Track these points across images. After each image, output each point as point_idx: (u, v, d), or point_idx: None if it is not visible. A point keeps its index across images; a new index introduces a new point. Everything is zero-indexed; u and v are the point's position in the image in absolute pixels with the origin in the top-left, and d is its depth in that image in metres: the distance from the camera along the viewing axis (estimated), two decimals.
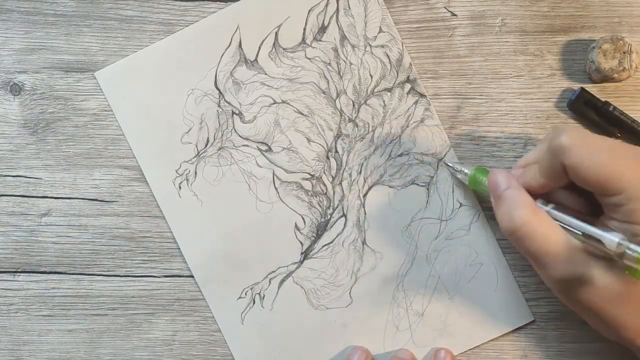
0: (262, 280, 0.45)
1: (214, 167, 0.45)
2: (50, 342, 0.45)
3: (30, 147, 0.46)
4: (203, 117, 0.45)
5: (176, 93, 0.45)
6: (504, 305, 0.44)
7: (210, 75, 0.45)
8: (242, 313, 0.45)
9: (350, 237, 0.45)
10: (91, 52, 0.46)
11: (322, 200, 0.45)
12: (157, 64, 0.45)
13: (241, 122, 0.45)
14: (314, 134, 0.45)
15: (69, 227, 0.45)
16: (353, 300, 0.45)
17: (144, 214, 0.45)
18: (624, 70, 0.42)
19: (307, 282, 0.45)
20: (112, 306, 0.45)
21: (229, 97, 0.45)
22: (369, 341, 0.45)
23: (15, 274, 0.45)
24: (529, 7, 0.45)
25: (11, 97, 0.46)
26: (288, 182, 0.45)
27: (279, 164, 0.45)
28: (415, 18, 0.45)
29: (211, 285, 0.45)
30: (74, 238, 0.45)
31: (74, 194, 0.45)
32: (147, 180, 0.45)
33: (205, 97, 0.45)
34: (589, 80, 0.44)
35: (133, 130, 0.45)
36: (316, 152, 0.45)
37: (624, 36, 0.43)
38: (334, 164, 0.45)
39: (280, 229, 0.45)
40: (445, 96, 0.45)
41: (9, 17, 0.46)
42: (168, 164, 0.45)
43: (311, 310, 0.45)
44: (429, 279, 0.45)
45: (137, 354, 0.45)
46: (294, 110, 0.45)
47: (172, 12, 0.46)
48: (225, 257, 0.45)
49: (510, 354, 0.45)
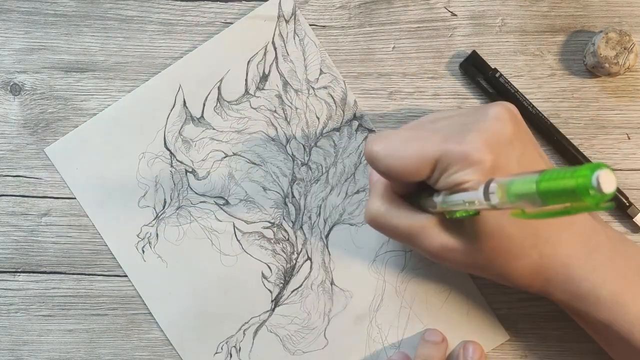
0: (236, 332, 0.45)
1: (174, 227, 0.45)
2: (50, 342, 0.45)
3: (30, 147, 0.46)
4: (157, 179, 0.45)
5: (128, 159, 0.45)
6: (478, 327, 0.44)
7: (159, 137, 0.45)
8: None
9: (318, 279, 0.45)
10: (91, 52, 0.46)
11: (286, 246, 0.45)
12: (104, 132, 0.45)
13: (195, 179, 0.45)
14: (269, 182, 0.45)
15: (69, 227, 0.46)
16: (329, 342, 0.45)
17: None
18: (617, 65, 0.42)
19: (280, 329, 0.45)
20: (112, 306, 0.46)
21: (181, 156, 0.45)
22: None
23: (15, 274, 0.46)
24: (529, 7, 0.45)
25: (11, 97, 0.46)
26: (249, 232, 0.45)
27: (238, 215, 0.45)
28: (415, 18, 0.45)
29: (186, 344, 0.45)
30: (74, 238, 0.46)
31: (74, 194, 0.46)
32: (109, 249, 0.45)
33: (156, 159, 0.45)
34: (584, 64, 0.45)
35: (90, 201, 0.45)
36: (273, 200, 0.45)
37: (631, 35, 0.43)
38: (293, 209, 0.45)
39: (247, 280, 0.45)
40: (445, 96, 0.45)
41: (9, 17, 0.46)
42: (129, 229, 0.45)
43: (289, 356, 0.45)
44: (400, 311, 0.45)
45: (137, 354, 0.45)
46: (247, 161, 0.45)
47: (172, 12, 0.46)
48: (196, 314, 0.45)
49: (510, 353, 0.45)
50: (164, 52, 0.46)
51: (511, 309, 0.45)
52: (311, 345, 0.45)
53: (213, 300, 0.45)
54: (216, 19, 0.46)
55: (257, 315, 0.45)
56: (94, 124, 0.45)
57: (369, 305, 0.45)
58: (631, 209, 0.44)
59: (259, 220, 0.45)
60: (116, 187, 0.45)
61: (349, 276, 0.45)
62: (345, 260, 0.45)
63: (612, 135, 0.45)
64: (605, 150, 0.45)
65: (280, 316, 0.45)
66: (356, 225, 0.45)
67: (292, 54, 0.45)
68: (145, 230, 0.45)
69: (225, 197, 0.45)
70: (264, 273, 0.45)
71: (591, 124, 0.45)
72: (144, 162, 0.45)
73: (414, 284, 0.45)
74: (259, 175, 0.45)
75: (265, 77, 0.45)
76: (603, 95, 0.45)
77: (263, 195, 0.45)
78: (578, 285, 0.36)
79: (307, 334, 0.45)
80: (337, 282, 0.45)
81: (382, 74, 0.45)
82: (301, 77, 0.45)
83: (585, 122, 0.45)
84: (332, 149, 0.45)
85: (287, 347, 0.45)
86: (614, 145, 0.45)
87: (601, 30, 0.44)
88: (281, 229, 0.45)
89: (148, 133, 0.45)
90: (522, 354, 0.45)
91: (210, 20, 0.46)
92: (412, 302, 0.45)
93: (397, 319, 0.45)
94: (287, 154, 0.45)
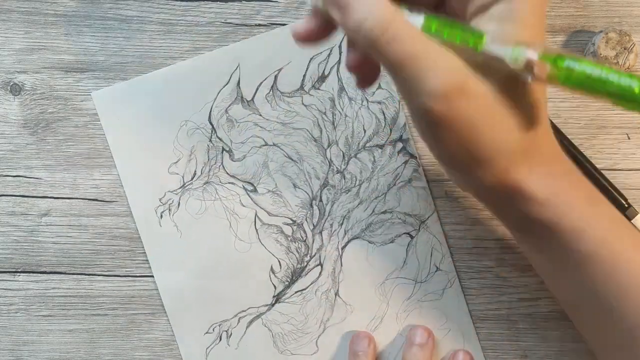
0: (232, 318, 0.45)
1: (197, 200, 0.45)
2: (50, 342, 0.45)
3: (30, 147, 0.46)
4: (193, 149, 0.45)
5: (169, 123, 0.45)
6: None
7: (206, 110, 0.45)
8: (207, 348, 0.45)
9: (324, 286, 0.45)
10: (91, 52, 0.46)
11: (301, 246, 0.45)
12: (154, 91, 0.45)
13: (230, 160, 0.45)
14: (301, 181, 0.45)
15: (69, 227, 0.46)
16: (319, 349, 0.45)
17: None
18: (617, 65, 0.42)
19: (275, 326, 0.45)
20: (112, 306, 0.46)
21: (221, 133, 0.45)
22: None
23: (15, 274, 0.45)
24: None
25: (11, 97, 0.46)
26: (269, 224, 0.45)
27: (263, 205, 0.45)
28: None
29: (180, 315, 0.45)
30: (74, 238, 0.46)
31: (74, 194, 0.45)
32: (128, 202, 0.45)
33: (197, 130, 0.45)
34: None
35: (122, 153, 0.45)
36: (300, 199, 0.45)
37: (631, 35, 0.43)
38: (317, 212, 0.45)
39: (255, 270, 0.45)
40: None
41: (9, 17, 0.46)
42: (152, 191, 0.45)
43: (276, 354, 0.45)
44: (396, 337, 0.45)
45: (137, 354, 0.45)
46: (284, 155, 0.45)
47: (172, 12, 0.46)
48: (197, 290, 0.45)
49: (510, 353, 0.45)
50: (164, 52, 0.45)
51: (511, 308, 0.45)
52: (301, 349, 0.45)
53: (217, 280, 0.45)
54: (216, 19, 0.45)
55: (256, 306, 0.45)
56: (146, 81, 0.45)
57: (367, 324, 0.45)
58: (630, 211, 0.44)
59: (282, 214, 0.45)
60: (151, 147, 0.45)
61: (354, 291, 0.45)
62: (355, 275, 0.45)
63: (612, 135, 0.45)
64: (605, 150, 0.45)
65: (278, 313, 0.45)
66: (374, 244, 0.45)
67: None
68: (168, 196, 0.45)
69: (255, 184, 0.45)
70: (273, 267, 0.45)
71: (591, 124, 0.45)
72: (184, 130, 0.45)
73: (416, 315, 0.45)
74: (293, 172, 0.45)
75: (324, 77, 0.45)
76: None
77: (292, 191, 0.45)
78: (539, 209, 0.34)
79: (300, 337, 0.45)
80: (342, 294, 0.45)
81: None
82: None
83: (585, 122, 0.45)
84: (371, 164, 0.45)
85: (277, 345, 0.45)
86: (614, 145, 0.45)
87: (601, 30, 0.44)
88: (301, 228, 0.45)
89: (196, 103, 0.45)
90: (522, 354, 0.45)
91: (210, 20, 0.45)
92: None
93: (391, 344, 0.45)
94: (326, 157, 0.45)
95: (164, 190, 0.45)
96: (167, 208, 0.45)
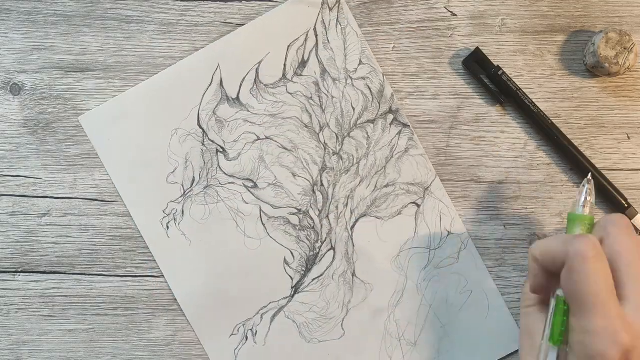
0: (254, 316, 0.45)
1: (200, 205, 0.45)
2: (50, 342, 0.46)
3: (30, 147, 0.46)
4: (188, 156, 0.45)
5: (160, 133, 0.45)
6: (496, 331, 0.44)
7: (193, 115, 0.45)
8: (236, 350, 0.45)
9: (340, 269, 0.45)
10: (91, 52, 0.46)
11: (310, 234, 0.45)
12: (139, 105, 0.45)
13: (226, 160, 0.45)
14: (299, 169, 0.45)
15: (69, 227, 0.46)
16: (345, 332, 0.45)
17: None
18: (617, 65, 0.42)
19: (298, 316, 0.45)
20: (112, 306, 0.46)
21: (213, 135, 0.45)
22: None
23: (15, 274, 0.46)
24: (529, 7, 0.45)
25: (11, 97, 0.46)
26: (275, 217, 0.45)
27: (266, 199, 0.45)
28: (415, 18, 0.45)
29: (203, 323, 0.45)
30: (74, 238, 0.46)
31: (74, 194, 0.46)
32: (134, 221, 0.45)
33: (189, 136, 0.45)
34: (584, 64, 0.45)
35: (119, 173, 0.45)
36: (302, 187, 0.45)
37: (631, 35, 0.43)
38: (320, 197, 0.45)
39: (269, 265, 0.45)
40: (446, 96, 0.45)
41: (9, 17, 0.46)
42: (155, 204, 0.45)
43: (304, 344, 0.45)
44: (420, 308, 0.45)
45: (137, 354, 0.45)
46: (278, 146, 0.45)
47: (172, 12, 0.46)
48: (216, 294, 0.45)
49: (510, 353, 0.45)
50: (164, 52, 0.45)
51: (511, 309, 0.45)
52: (328, 335, 0.45)
53: (233, 281, 0.45)
54: (216, 19, 0.45)
55: (276, 300, 0.45)
56: (129, 97, 0.45)
57: (389, 299, 0.45)
58: (629, 211, 0.44)
59: (286, 205, 0.45)
60: (146, 161, 0.45)
61: (371, 269, 0.45)
62: (369, 253, 0.45)
63: (612, 135, 0.45)
64: (605, 150, 0.45)
65: (299, 303, 0.45)
66: (382, 218, 0.45)
67: (333, 42, 0.45)
68: (171, 206, 0.45)
69: (254, 180, 0.45)
70: (286, 259, 0.45)
71: (591, 124, 0.45)
72: (175, 139, 0.45)
73: (436, 283, 0.45)
74: (290, 161, 0.45)
75: (304, 63, 0.45)
76: (603, 95, 0.45)
77: (292, 181, 0.45)
78: None
79: (325, 323, 0.45)
80: (359, 274, 0.45)
81: (383, 74, 0.45)
82: (340, 66, 0.45)
83: (585, 122, 0.45)
84: (365, 141, 0.45)
85: (304, 335, 0.45)
86: (614, 145, 0.45)
87: (601, 30, 0.43)
88: (307, 216, 0.45)
89: (182, 109, 0.45)
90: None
91: (210, 20, 0.45)
92: (432, 300, 0.45)
93: (416, 316, 0.45)
94: (320, 141, 0.45)
95: (166, 201, 0.45)
96: (172, 218, 0.45)
